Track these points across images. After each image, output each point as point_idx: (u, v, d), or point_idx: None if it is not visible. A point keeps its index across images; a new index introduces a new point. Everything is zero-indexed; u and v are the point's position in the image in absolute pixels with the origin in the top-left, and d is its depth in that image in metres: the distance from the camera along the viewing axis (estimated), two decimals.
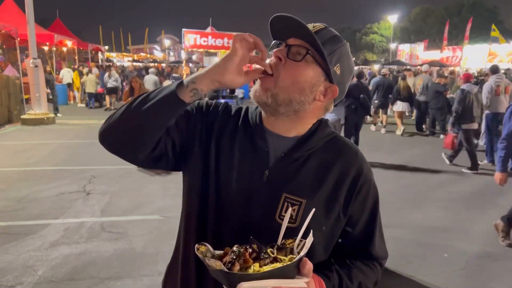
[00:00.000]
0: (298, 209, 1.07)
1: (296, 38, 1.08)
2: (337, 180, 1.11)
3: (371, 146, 9.30)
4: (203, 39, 18.72)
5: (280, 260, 0.89)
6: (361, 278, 1.14)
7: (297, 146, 1.12)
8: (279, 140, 1.14)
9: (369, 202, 1.17)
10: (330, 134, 1.18)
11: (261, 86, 1.09)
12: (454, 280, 3.69)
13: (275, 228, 1.01)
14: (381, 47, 57.69)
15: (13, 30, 13.39)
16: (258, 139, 1.14)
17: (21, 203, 5.29)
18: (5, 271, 3.62)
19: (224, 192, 1.11)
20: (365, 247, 1.18)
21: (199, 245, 0.93)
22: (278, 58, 1.07)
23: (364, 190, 1.15)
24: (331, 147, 1.16)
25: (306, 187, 1.09)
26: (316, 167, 1.11)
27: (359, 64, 36.50)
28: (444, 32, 34.56)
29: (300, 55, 1.06)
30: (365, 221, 1.17)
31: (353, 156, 1.16)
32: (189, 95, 1.02)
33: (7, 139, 9.91)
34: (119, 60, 45.60)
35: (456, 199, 5.94)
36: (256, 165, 1.12)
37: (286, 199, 1.08)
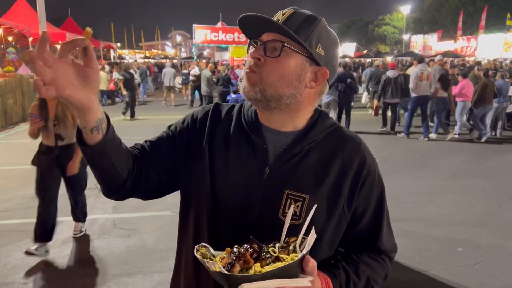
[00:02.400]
0: (302, 205, 1.04)
1: (269, 32, 1.05)
2: (340, 173, 1.07)
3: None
4: (214, 34, 18.74)
5: (282, 259, 0.86)
6: (369, 273, 1.11)
7: (296, 140, 1.09)
8: (277, 136, 1.10)
9: (374, 194, 1.13)
10: (331, 125, 1.14)
11: (248, 81, 1.06)
12: (468, 274, 3.63)
13: (279, 226, 0.98)
14: (394, 39, 57.03)
15: (26, 29, 13.56)
16: (255, 136, 1.10)
17: (34, 201, 5.31)
18: (18, 268, 3.66)
19: (223, 194, 1.08)
20: (372, 241, 1.15)
21: (198, 247, 0.91)
22: (256, 58, 1.04)
23: (369, 181, 1.11)
24: (332, 139, 1.12)
25: (308, 182, 1.05)
26: (318, 161, 1.08)
27: (371, 56, 36.13)
28: (458, 22, 34.01)
29: (277, 50, 1.02)
30: (371, 214, 1.13)
31: (355, 147, 1.12)
32: (91, 135, 0.95)
33: (21, 137, 10.04)
34: (132, 57, 45.91)
35: (470, 192, 5.84)
36: (255, 163, 1.08)
37: (288, 196, 1.04)
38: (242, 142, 1.11)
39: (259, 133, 1.10)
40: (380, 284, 1.16)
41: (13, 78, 12.12)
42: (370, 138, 9.32)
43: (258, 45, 1.07)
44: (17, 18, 16.11)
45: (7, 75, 12.66)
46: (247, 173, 1.07)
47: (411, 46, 39.24)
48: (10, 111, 11.43)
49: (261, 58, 1.04)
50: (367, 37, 60.64)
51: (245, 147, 1.10)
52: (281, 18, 1.04)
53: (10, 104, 11.50)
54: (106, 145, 0.98)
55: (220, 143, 1.12)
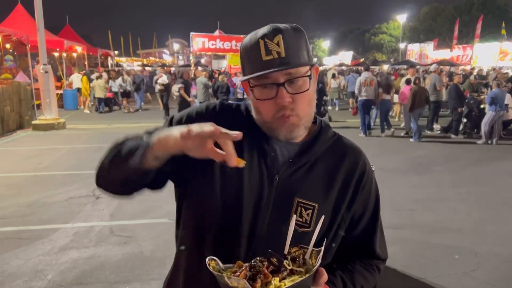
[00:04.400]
0: (312, 213, 1.07)
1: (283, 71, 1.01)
2: (344, 181, 1.12)
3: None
4: (211, 42, 18.81)
5: (296, 272, 0.88)
6: (363, 282, 1.15)
7: (303, 151, 1.12)
8: (284, 145, 1.12)
9: (371, 200, 1.18)
10: (333, 136, 1.18)
11: (287, 127, 1.04)
12: (465, 282, 3.63)
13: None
14: (390, 47, 57.39)
15: (24, 37, 13.58)
16: (265, 144, 1.11)
17: (31, 208, 5.35)
18: (15, 276, 3.65)
19: (233, 199, 1.08)
20: (367, 244, 1.19)
21: (209, 260, 0.89)
22: (288, 102, 1.02)
23: (367, 187, 1.16)
24: (336, 149, 1.16)
25: (317, 191, 1.09)
26: (324, 171, 1.11)
27: (368, 64, 36.34)
28: (454, 31, 34.30)
29: (305, 85, 1.04)
30: (368, 218, 1.18)
31: (357, 156, 1.17)
32: (152, 162, 0.98)
33: (18, 145, 10.04)
34: (129, 64, 45.98)
35: (467, 199, 5.86)
36: (265, 171, 1.09)
37: (299, 204, 1.07)
38: (252, 148, 1.11)
39: (268, 141, 1.11)
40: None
41: (10, 85, 12.12)
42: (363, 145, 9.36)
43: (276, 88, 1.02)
44: (15, 25, 16.17)
45: (4, 82, 12.68)
46: (257, 180, 1.08)
47: (408, 55, 39.49)
48: (7, 118, 11.42)
49: (290, 99, 1.02)
50: (364, 46, 60.96)
51: (256, 154, 1.10)
52: (279, 49, 1.00)
53: (7, 111, 11.49)
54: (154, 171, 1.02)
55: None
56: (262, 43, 1.01)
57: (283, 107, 1.02)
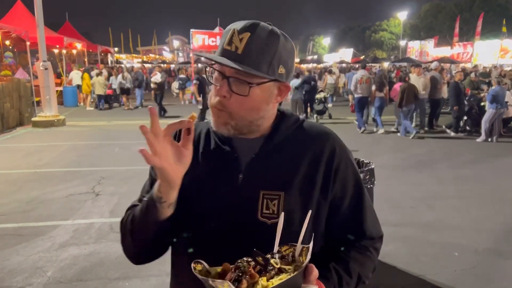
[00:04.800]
0: (278, 203, 1.06)
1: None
2: (311, 165, 1.09)
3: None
4: (212, 39, 18.75)
5: (285, 270, 0.87)
6: (359, 269, 1.11)
7: (265, 144, 1.11)
8: (245, 143, 1.11)
9: (349, 180, 1.14)
10: (296, 121, 1.16)
11: (217, 120, 1.06)
12: (465, 279, 3.64)
13: (259, 227, 1.04)
14: (391, 45, 57.32)
15: (23, 33, 13.56)
16: (227, 147, 1.11)
17: (31, 205, 5.35)
18: (15, 272, 3.65)
19: (200, 206, 1.09)
20: (356, 225, 1.15)
21: (195, 264, 0.89)
22: (223, 96, 1.02)
23: (342, 168, 1.12)
24: (300, 133, 1.14)
25: (281, 179, 1.08)
26: (288, 157, 1.10)
27: (368, 62, 36.27)
28: (455, 28, 34.24)
29: (245, 90, 1.01)
30: (350, 199, 1.14)
31: (324, 137, 1.14)
32: (166, 210, 1.03)
33: (18, 141, 10.04)
34: (129, 61, 45.94)
35: (467, 197, 5.86)
36: (227, 172, 1.10)
37: (264, 196, 1.06)
38: (213, 155, 1.12)
39: (230, 143, 1.11)
40: (371, 278, 1.17)
41: (10, 82, 12.11)
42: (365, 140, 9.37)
43: (220, 79, 1.04)
44: (15, 22, 16.11)
45: (4, 79, 12.68)
46: (221, 184, 1.09)
47: (408, 52, 39.46)
48: (7, 115, 11.41)
49: (227, 95, 1.02)
50: (364, 43, 60.87)
51: (217, 159, 1.11)
52: (239, 45, 1.00)
53: (7, 108, 11.49)
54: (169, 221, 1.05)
55: (195, 158, 1.07)
56: (231, 33, 1.02)
57: (219, 100, 1.03)
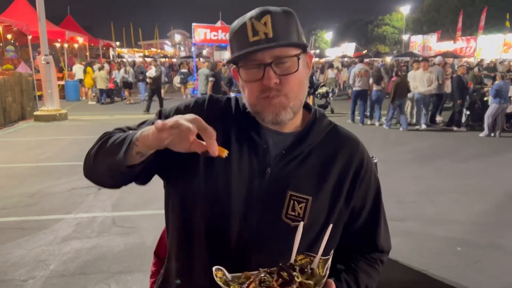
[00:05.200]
0: (305, 207, 1.04)
1: (269, 51, 0.98)
2: (340, 173, 1.08)
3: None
4: (213, 33, 18.65)
5: (304, 284, 0.85)
6: (367, 280, 1.13)
7: (297, 142, 1.08)
8: (277, 136, 1.08)
9: (371, 192, 1.14)
10: (328, 125, 1.14)
11: (275, 107, 1.00)
12: (467, 274, 3.63)
13: (282, 228, 1.00)
14: (393, 39, 57.07)
15: (25, 27, 13.53)
16: (256, 136, 1.07)
17: (34, 199, 5.35)
18: (17, 266, 3.66)
19: (223, 194, 1.04)
20: (370, 237, 1.16)
21: (216, 271, 0.86)
22: (274, 84, 0.98)
23: (366, 179, 1.12)
24: (331, 139, 1.12)
25: (310, 183, 1.06)
26: (319, 162, 1.08)
27: (370, 56, 36.12)
28: (458, 23, 34.04)
29: (294, 66, 1.00)
30: (369, 210, 1.14)
31: (354, 146, 1.13)
32: (136, 157, 0.95)
33: (21, 135, 10.04)
34: (131, 55, 45.85)
35: (470, 191, 5.85)
36: (256, 163, 1.05)
37: (291, 197, 1.04)
38: (242, 140, 1.07)
39: (259, 132, 1.07)
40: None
41: (12, 76, 12.10)
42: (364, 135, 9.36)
43: (259, 71, 0.99)
44: (16, 16, 16.08)
45: (6, 73, 12.65)
46: (248, 173, 1.04)
47: (411, 47, 39.23)
48: (9, 109, 11.41)
49: (277, 80, 0.98)
50: (366, 37, 60.62)
51: (246, 145, 1.07)
52: (266, 30, 0.97)
53: (9, 102, 11.48)
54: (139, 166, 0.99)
55: (218, 140, 1.06)
56: (250, 24, 0.98)
57: (269, 88, 0.98)
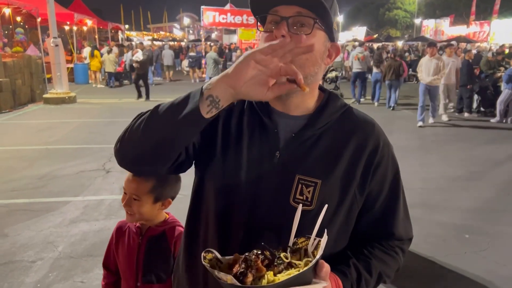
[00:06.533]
0: (314, 191, 1.01)
1: (289, 6, 0.94)
2: (352, 157, 1.04)
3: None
4: (222, 16, 18.54)
5: (295, 265, 0.83)
6: (381, 268, 1.08)
7: (308, 124, 1.04)
8: (287, 120, 1.06)
9: (388, 177, 1.09)
10: (342, 106, 1.09)
11: None
12: (475, 261, 3.61)
13: (289, 212, 0.96)
14: (405, 23, 56.09)
15: (34, 10, 13.49)
16: (266, 119, 1.06)
17: (42, 181, 5.40)
18: (26, 247, 3.70)
19: (235, 177, 1.05)
20: (387, 225, 1.11)
21: (205, 253, 0.86)
22: (281, 36, 0.92)
23: (383, 164, 1.07)
24: (345, 121, 1.07)
25: (320, 166, 1.02)
26: (330, 145, 1.04)
27: (381, 40, 35.62)
28: (472, 6, 33.35)
29: (308, 27, 0.95)
30: (385, 197, 1.09)
31: (369, 129, 1.08)
32: (206, 104, 0.88)
33: (30, 118, 10.11)
34: (139, 39, 45.71)
35: (479, 178, 5.78)
36: (265, 147, 1.04)
37: (300, 181, 1.01)
38: (254, 125, 1.07)
39: (270, 116, 1.06)
40: (392, 277, 1.13)
41: (21, 58, 12.12)
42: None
43: (278, 19, 0.96)
44: None
45: (15, 55, 12.68)
46: (258, 157, 1.04)
47: (423, 31, 38.59)
48: (18, 92, 11.47)
49: (288, 37, 0.91)
50: (377, 21, 59.69)
51: (257, 130, 1.06)
52: None
53: (19, 85, 11.54)
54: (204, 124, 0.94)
55: (234, 126, 1.08)
56: None
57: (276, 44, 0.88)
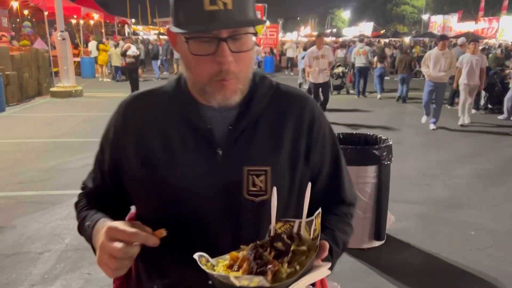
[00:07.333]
0: (266, 179, 0.98)
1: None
2: (294, 133, 1.03)
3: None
4: None
5: (299, 252, 0.80)
6: (344, 238, 1.08)
7: (241, 114, 1.00)
8: (220, 113, 0.99)
9: (328, 145, 1.10)
10: (271, 86, 1.07)
11: (227, 91, 0.94)
12: (480, 258, 3.59)
13: (246, 206, 0.97)
14: (413, 19, 55.72)
15: (41, 3, 13.54)
16: (195, 118, 1.00)
17: (49, 173, 5.44)
18: (33, 239, 3.74)
19: (178, 192, 0.98)
20: (335, 192, 1.12)
21: (199, 258, 0.78)
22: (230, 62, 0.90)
23: (321, 134, 1.08)
24: (277, 100, 1.05)
25: (266, 152, 1.00)
26: (270, 128, 1.02)
27: (388, 36, 35.39)
28: (480, 2, 32.98)
29: (248, 43, 0.93)
30: (329, 164, 1.10)
31: (303, 103, 1.08)
32: None
33: (37, 111, 10.17)
34: (145, 33, 45.76)
35: (485, 176, 5.76)
36: (203, 148, 0.98)
37: (249, 173, 0.97)
38: (183, 128, 1.00)
39: (199, 113, 1.00)
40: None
41: (28, 52, 12.19)
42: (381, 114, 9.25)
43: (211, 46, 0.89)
44: None
45: (23, 49, 12.75)
46: (199, 161, 0.98)
47: (430, 27, 38.27)
48: (26, 85, 11.54)
49: (232, 59, 0.90)
50: (385, 17, 59.31)
51: (189, 132, 1.00)
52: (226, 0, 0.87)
53: (26, 78, 11.60)
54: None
55: (157, 138, 1.00)
56: None
57: (225, 69, 0.90)
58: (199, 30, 0.88)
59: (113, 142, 1.06)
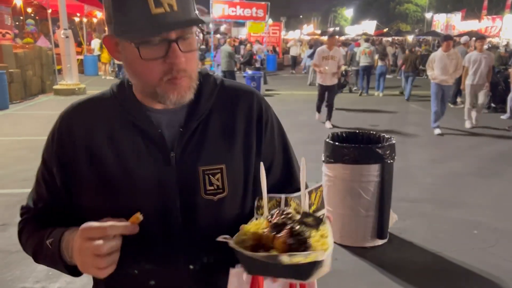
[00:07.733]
0: (222, 177, 0.99)
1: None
2: (245, 128, 1.05)
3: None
4: (232, 9, 18.46)
5: (308, 224, 0.86)
6: None
7: (190, 114, 1.00)
8: (168, 116, 0.99)
9: (276, 135, 1.12)
10: (215, 84, 1.07)
11: (181, 89, 0.93)
12: (483, 257, 3.60)
13: (206, 206, 0.98)
14: (416, 17, 55.52)
15: (44, 1, 13.57)
16: (143, 124, 0.98)
17: None
18: None
19: (131, 197, 0.96)
20: (289, 179, 1.13)
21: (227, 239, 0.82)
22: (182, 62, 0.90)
23: (269, 125, 1.10)
24: (224, 97, 1.06)
25: (219, 150, 1.01)
26: (220, 125, 1.03)
27: (391, 35, 35.30)
28: (484, 1, 32.87)
29: (194, 42, 0.94)
30: (280, 156, 1.13)
31: (250, 97, 1.09)
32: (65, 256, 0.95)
33: (41, 109, 10.20)
34: None
35: (488, 175, 5.75)
36: (156, 153, 0.97)
37: (204, 172, 0.98)
38: (132, 135, 0.98)
39: (147, 118, 0.99)
40: None
41: (32, 50, 12.22)
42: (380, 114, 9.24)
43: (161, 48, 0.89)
44: None
45: (26, 46, 12.78)
46: (151, 166, 0.97)
47: (433, 25, 38.17)
48: (29, 83, 11.57)
49: (184, 59, 0.90)
50: (388, 15, 59.13)
51: (138, 139, 0.98)
52: (170, 1, 0.86)
53: (30, 76, 11.63)
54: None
55: (107, 146, 0.98)
56: None
57: (177, 69, 0.89)
58: (154, 34, 0.86)
59: (59, 156, 1.02)
